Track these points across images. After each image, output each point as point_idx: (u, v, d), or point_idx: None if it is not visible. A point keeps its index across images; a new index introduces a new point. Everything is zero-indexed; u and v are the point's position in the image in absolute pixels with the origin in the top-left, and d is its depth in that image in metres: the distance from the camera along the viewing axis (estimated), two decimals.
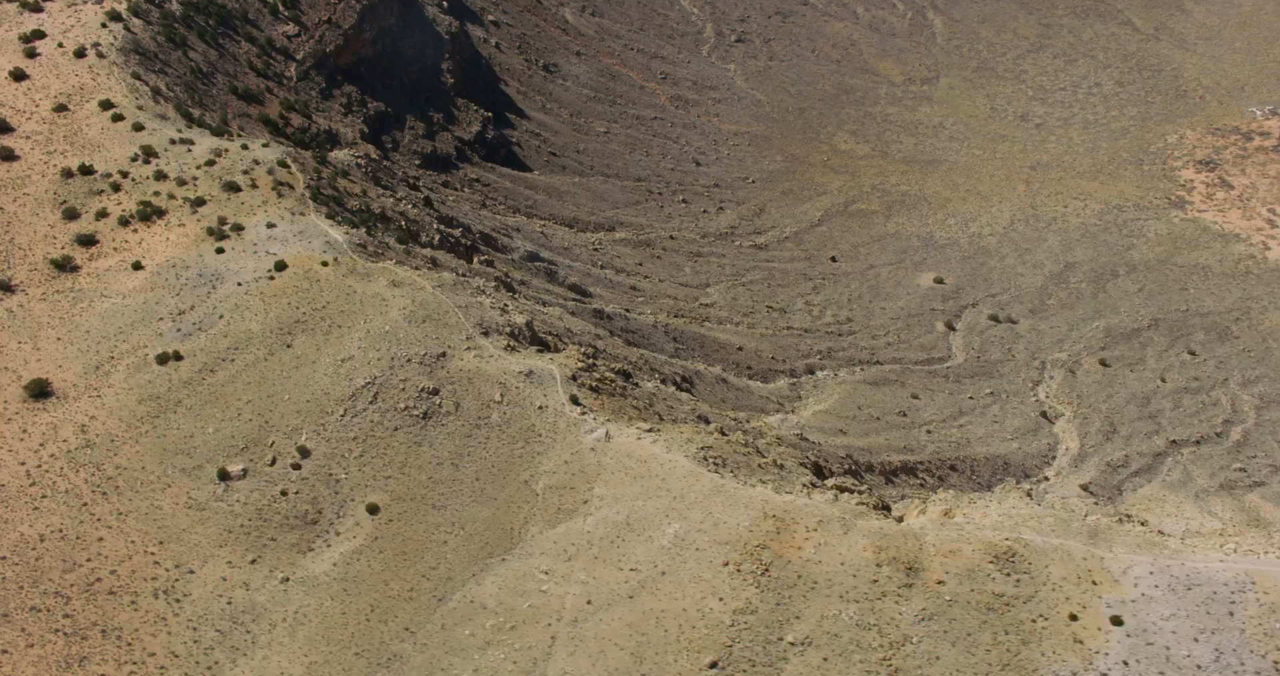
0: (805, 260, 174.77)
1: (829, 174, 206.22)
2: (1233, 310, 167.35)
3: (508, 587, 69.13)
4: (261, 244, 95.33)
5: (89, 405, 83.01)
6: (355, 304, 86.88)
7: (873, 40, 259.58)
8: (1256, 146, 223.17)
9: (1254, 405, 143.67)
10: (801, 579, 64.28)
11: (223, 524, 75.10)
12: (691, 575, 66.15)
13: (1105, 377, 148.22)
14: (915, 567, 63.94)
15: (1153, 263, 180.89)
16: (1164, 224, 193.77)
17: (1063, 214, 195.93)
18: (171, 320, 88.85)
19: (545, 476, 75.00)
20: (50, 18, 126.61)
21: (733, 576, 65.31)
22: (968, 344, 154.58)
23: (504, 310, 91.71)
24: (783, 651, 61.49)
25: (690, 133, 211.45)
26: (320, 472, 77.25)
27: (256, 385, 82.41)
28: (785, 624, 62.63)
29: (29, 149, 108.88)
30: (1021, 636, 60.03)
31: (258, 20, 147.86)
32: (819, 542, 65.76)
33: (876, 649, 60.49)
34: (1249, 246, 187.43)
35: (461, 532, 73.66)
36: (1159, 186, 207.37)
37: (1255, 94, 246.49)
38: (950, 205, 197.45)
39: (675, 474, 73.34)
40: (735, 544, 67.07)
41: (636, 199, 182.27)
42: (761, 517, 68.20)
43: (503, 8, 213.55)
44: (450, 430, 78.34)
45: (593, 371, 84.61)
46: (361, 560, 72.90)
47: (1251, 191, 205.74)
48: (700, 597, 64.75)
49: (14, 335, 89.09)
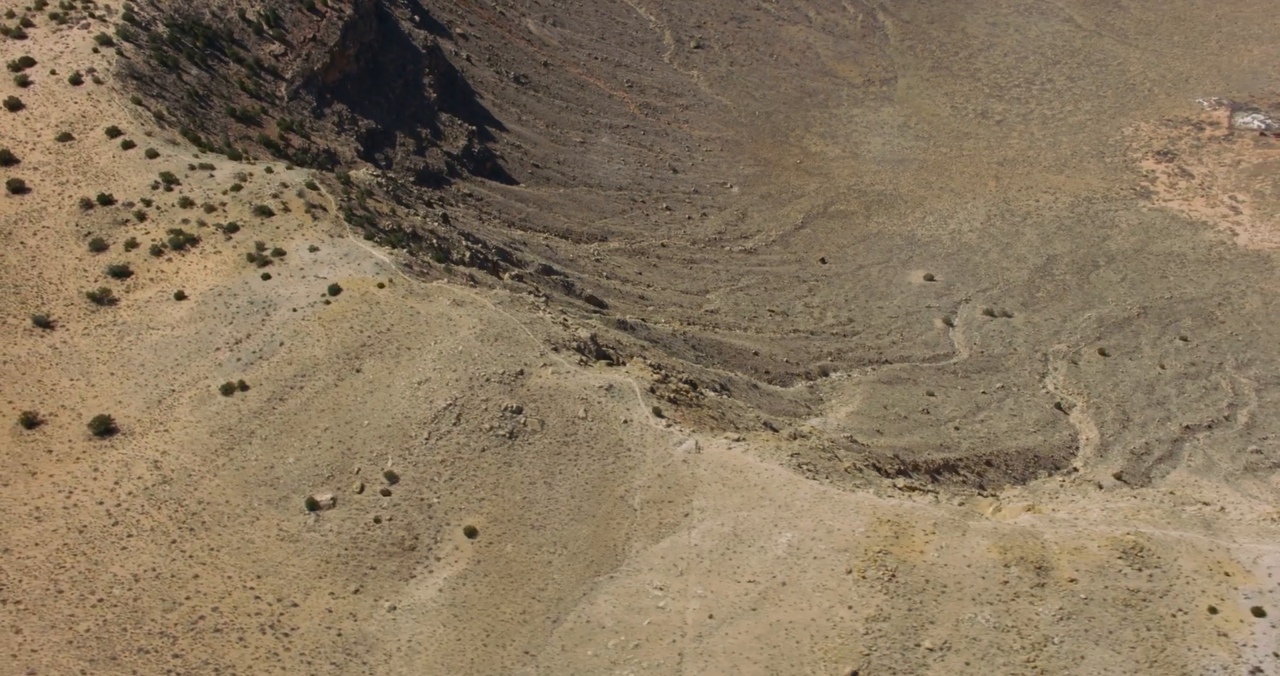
0: (796, 263, 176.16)
1: (804, 176, 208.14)
2: (1214, 296, 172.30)
3: (622, 605, 68.67)
4: (308, 268, 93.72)
5: (158, 440, 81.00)
6: (421, 325, 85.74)
7: (828, 43, 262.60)
8: (1209, 136, 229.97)
9: (1253, 387, 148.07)
10: (930, 583, 64.67)
11: (319, 554, 73.68)
12: (814, 584, 66.26)
13: (1107, 367, 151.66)
14: (1044, 566, 64.60)
15: (1129, 252, 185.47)
16: (1134, 214, 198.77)
17: (1036, 208, 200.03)
18: (229, 350, 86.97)
19: (641, 491, 74.69)
20: (36, 44, 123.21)
21: (858, 583, 65.54)
22: (969, 339, 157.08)
23: (565, 325, 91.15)
24: (922, 657, 61.80)
25: (663, 140, 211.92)
26: (411, 498, 76.13)
27: (331, 412, 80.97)
28: (920, 629, 62.95)
29: (39, 180, 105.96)
30: (1164, 632, 60.91)
31: (243, 40, 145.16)
32: (940, 545, 66.24)
33: (1019, 651, 60.99)
34: (1217, 233, 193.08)
35: (564, 552, 73.03)
36: (1123, 178, 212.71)
37: (1199, 85, 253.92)
38: (926, 203, 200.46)
39: (774, 482, 73.46)
40: (855, 550, 67.32)
41: (622, 208, 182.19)
42: (876, 522, 68.57)
43: (468, 20, 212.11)
44: (538, 448, 77.67)
45: (667, 383, 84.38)
46: (467, 584, 71.95)
47: (1211, 179, 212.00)
48: (828, 606, 64.85)
49: (64, 372, 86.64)
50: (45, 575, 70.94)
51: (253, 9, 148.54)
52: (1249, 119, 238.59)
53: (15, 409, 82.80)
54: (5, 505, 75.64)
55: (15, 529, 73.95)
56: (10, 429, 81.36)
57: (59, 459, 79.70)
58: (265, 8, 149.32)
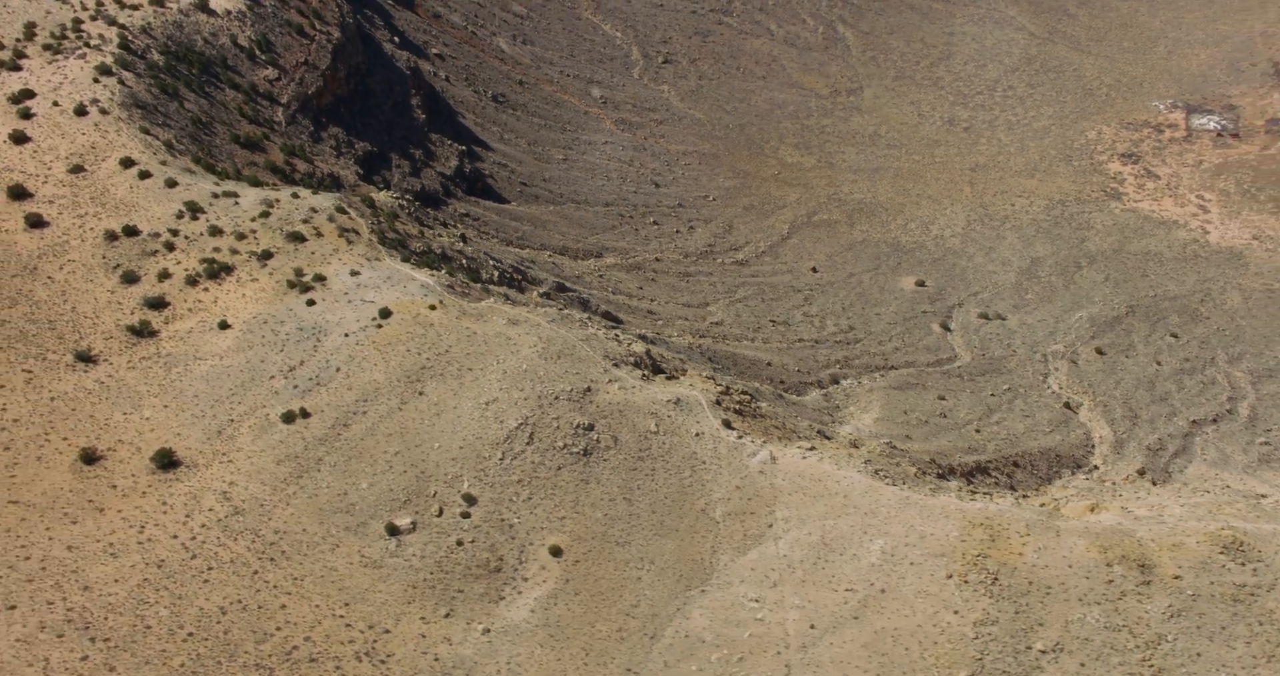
0: (788, 273, 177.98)
1: (783, 187, 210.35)
2: (1195, 292, 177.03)
3: (719, 618, 69.00)
4: (353, 292, 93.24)
5: (224, 471, 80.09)
6: (480, 345, 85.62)
7: (792, 55, 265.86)
8: (1169, 138, 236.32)
9: (1248, 380, 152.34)
10: (1033, 585, 65.67)
11: (405, 579, 73.25)
12: (915, 590, 67.05)
13: (1106, 365, 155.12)
14: (1147, 564, 65.80)
15: (1109, 253, 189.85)
16: (1107, 215, 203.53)
17: (1012, 211, 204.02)
18: (284, 377, 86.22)
19: (721, 503, 75.19)
20: (33, 75, 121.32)
21: (960, 588, 66.42)
22: (968, 343, 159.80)
23: (618, 340, 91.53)
24: (1034, 660, 62.70)
25: (642, 155, 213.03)
26: (492, 519, 75.97)
27: (399, 436, 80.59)
28: (1030, 632, 63.85)
29: (56, 214, 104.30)
30: (1277, 626, 62.22)
31: (237, 66, 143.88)
32: (1038, 547, 67.34)
33: (1133, 650, 61.98)
34: (1190, 232, 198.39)
35: (652, 567, 73.27)
36: (1093, 180, 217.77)
37: (1153, 89, 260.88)
38: (906, 210, 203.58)
39: (855, 490, 74.33)
40: (952, 555, 68.26)
41: (612, 224, 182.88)
42: (969, 526, 69.63)
43: (442, 40, 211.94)
44: (614, 464, 77.90)
45: (730, 395, 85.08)
46: (559, 604, 71.88)
47: (1177, 180, 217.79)
48: (933, 612, 65.62)
49: (116, 406, 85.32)
50: (130, 611, 69.76)
51: (243, 34, 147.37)
52: (1205, 121, 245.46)
53: (71, 445, 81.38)
54: (78, 542, 74.33)
55: (92, 566, 72.65)
56: (70, 465, 79.96)
57: (125, 494, 78.44)
58: (256, 33, 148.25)
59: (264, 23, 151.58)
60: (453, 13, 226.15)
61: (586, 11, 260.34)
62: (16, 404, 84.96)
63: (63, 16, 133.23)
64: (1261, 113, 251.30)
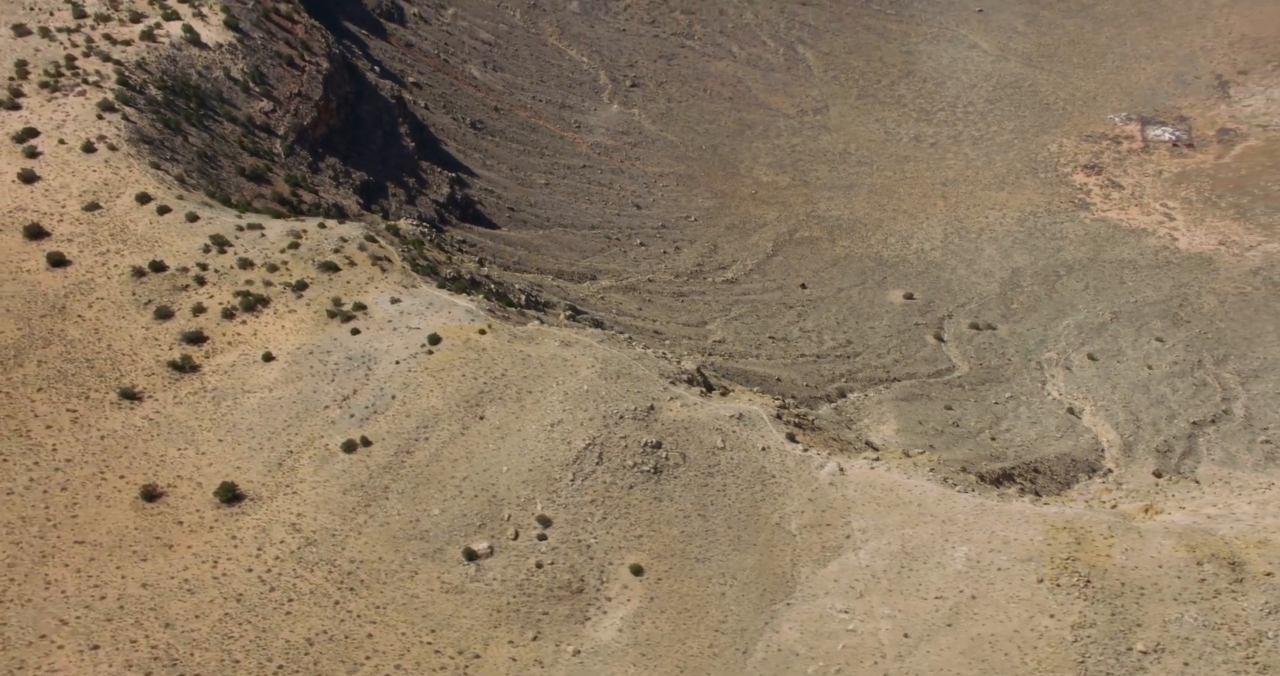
0: (778, 290, 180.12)
1: (761, 206, 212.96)
2: (1173, 298, 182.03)
3: (810, 630, 69.80)
4: (397, 320, 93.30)
5: (289, 503, 79.68)
6: (536, 368, 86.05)
7: (756, 76, 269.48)
8: (1128, 149, 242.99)
9: (1238, 381, 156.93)
10: (1126, 586, 67.06)
11: (488, 604, 73.32)
12: (1007, 595, 68.24)
13: (1099, 371, 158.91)
14: (1236, 562, 67.37)
15: (1085, 261, 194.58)
16: (1078, 225, 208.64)
17: (987, 224, 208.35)
18: (338, 407, 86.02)
19: (795, 516, 76.16)
20: (33, 114, 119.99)
21: (1053, 591, 67.67)
22: (964, 353, 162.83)
23: (665, 358, 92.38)
24: (1136, 661, 63.98)
25: (620, 178, 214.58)
26: (569, 540, 76.29)
27: (466, 460, 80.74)
28: (1129, 633, 65.11)
29: (78, 252, 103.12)
30: None
31: (233, 99, 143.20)
32: (1124, 548, 68.82)
33: (1235, 648, 63.27)
34: (1159, 239, 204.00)
35: (735, 582, 73.95)
36: (1060, 191, 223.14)
37: (1107, 103, 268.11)
38: (884, 225, 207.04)
39: (929, 498, 75.64)
40: (1039, 559, 69.58)
41: (600, 246, 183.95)
42: (1053, 530, 71.07)
43: (417, 69, 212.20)
44: (685, 481, 78.63)
45: (787, 408, 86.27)
46: (646, 622, 72.31)
47: (1140, 189, 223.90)
48: (1029, 617, 66.75)
49: (169, 442, 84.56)
50: (216, 646, 69.13)
51: (236, 67, 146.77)
52: (1160, 132, 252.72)
53: (129, 483, 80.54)
54: (152, 580, 73.56)
55: (170, 603, 71.93)
56: (131, 503, 79.12)
57: (191, 529, 77.76)
58: (248, 65, 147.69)
59: (255, 55, 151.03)
60: (424, 41, 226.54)
61: (552, 38, 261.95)
62: (67, 444, 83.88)
63: (53, 54, 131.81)
64: (1211, 123, 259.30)
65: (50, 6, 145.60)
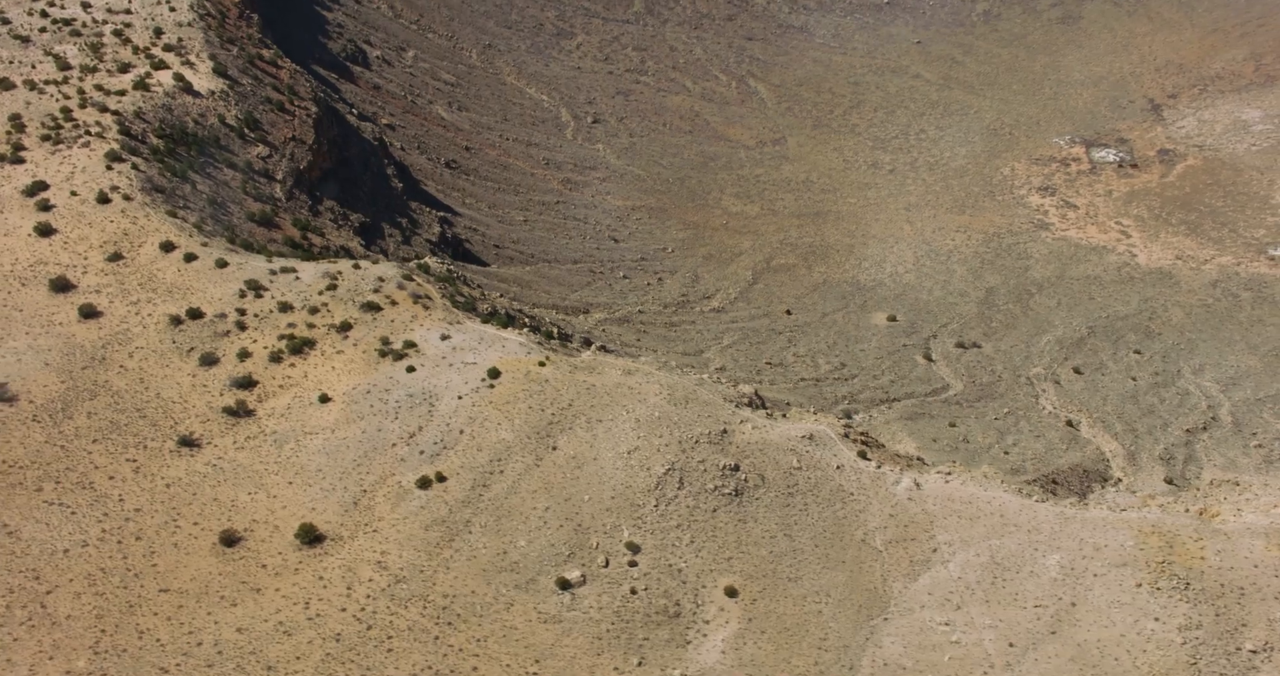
0: (764, 316, 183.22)
1: (735, 235, 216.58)
2: (1142, 311, 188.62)
3: (913, 644, 71.48)
4: (450, 356, 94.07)
5: (371, 541, 79.90)
6: (603, 397, 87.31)
7: (712, 109, 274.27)
8: (1077, 171, 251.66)
9: (1219, 389, 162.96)
10: (1225, 587, 69.55)
11: (588, 632, 74.11)
12: (1107, 601, 70.39)
13: (1087, 384, 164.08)
14: None
15: (1053, 279, 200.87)
16: (1041, 245, 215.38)
17: (955, 246, 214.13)
18: (406, 444, 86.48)
19: (879, 532, 78.10)
20: (38, 167, 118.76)
21: (1154, 595, 69.92)
22: (955, 371, 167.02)
23: (719, 381, 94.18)
24: (1247, 660, 66.31)
25: (594, 212, 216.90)
26: (659, 565, 77.43)
27: (545, 491, 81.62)
28: (1236, 633, 67.45)
29: (107, 303, 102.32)
30: None
31: (229, 145, 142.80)
32: (1216, 550, 71.46)
33: None
34: (1119, 256, 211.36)
35: (830, 600, 75.55)
36: (1019, 213, 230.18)
37: (1050, 127, 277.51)
38: (855, 250, 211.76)
39: (1009, 509, 78.02)
40: (1134, 564, 71.94)
41: (586, 280, 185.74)
42: (1142, 535, 73.63)
43: (388, 110, 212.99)
44: (766, 502, 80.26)
45: (853, 427, 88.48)
46: (748, 643, 73.55)
47: (1094, 209, 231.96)
48: (1133, 621, 68.88)
49: (237, 488, 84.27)
50: None
51: (229, 113, 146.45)
52: (1104, 154, 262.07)
53: (205, 530, 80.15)
54: (246, 624, 73.24)
55: (269, 646, 71.66)
56: (211, 549, 78.72)
57: (277, 572, 77.54)
58: (241, 111, 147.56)
59: (246, 101, 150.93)
60: (389, 83, 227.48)
61: (510, 77, 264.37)
62: (133, 494, 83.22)
63: (47, 106, 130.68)
64: (1150, 144, 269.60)
65: (30, 60, 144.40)
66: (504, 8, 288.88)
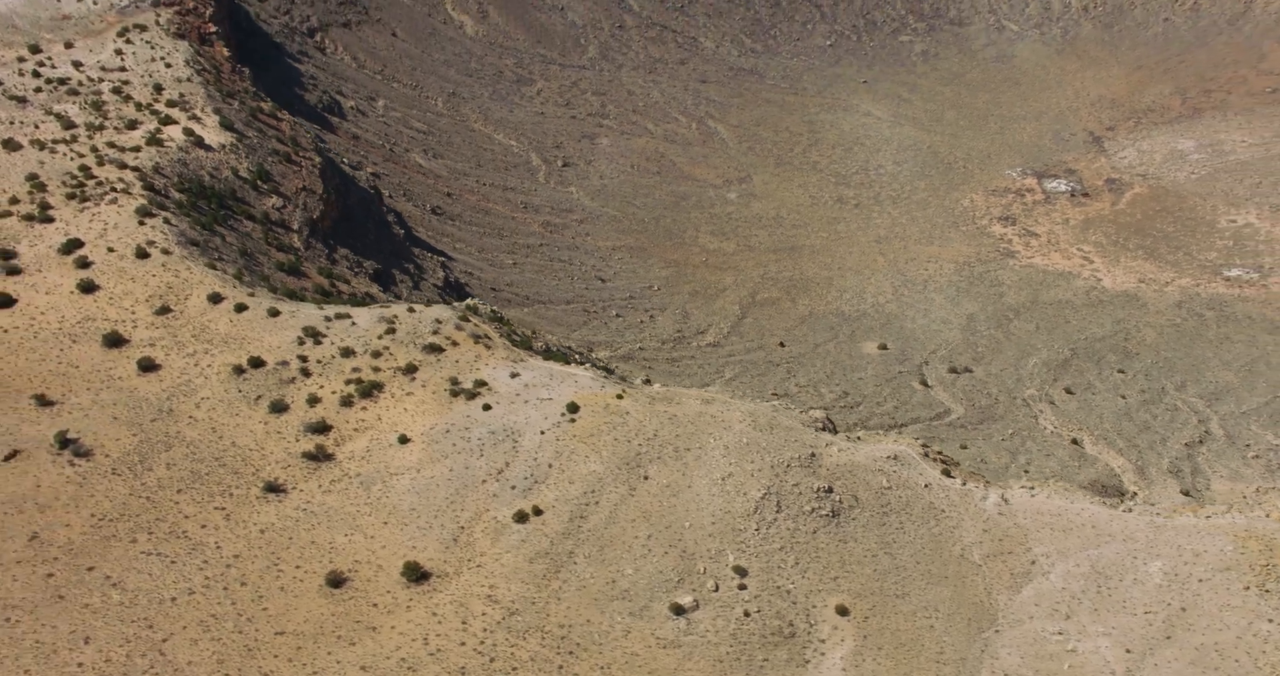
0: (759, 349, 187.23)
1: (716, 272, 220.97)
2: (1117, 333, 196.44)
3: (1030, 653, 74.23)
4: (524, 393, 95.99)
5: (477, 576, 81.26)
6: (687, 426, 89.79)
7: (676, 150, 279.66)
8: (1033, 201, 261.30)
9: (1205, 404, 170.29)
10: None
11: (708, 655, 76.12)
12: (1218, 605, 73.72)
13: (1081, 403, 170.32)
14: None
15: (1028, 304, 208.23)
16: (1011, 272, 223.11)
17: (929, 276, 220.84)
18: (495, 480, 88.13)
19: (976, 547, 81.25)
20: (69, 225, 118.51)
21: (1264, 597, 73.37)
22: (954, 396, 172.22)
23: (790, 408, 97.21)
24: None
25: (577, 253, 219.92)
26: (768, 587, 79.79)
27: (644, 520, 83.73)
28: None
29: (164, 356, 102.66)
30: None
31: (245, 197, 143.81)
32: None
33: None
34: (1085, 280, 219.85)
35: (938, 614, 78.35)
36: (985, 242, 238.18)
37: (1000, 159, 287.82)
38: (835, 283, 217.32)
39: (1099, 519, 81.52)
40: (1238, 568, 75.45)
41: (582, 319, 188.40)
42: (1240, 540, 77.38)
43: (371, 159, 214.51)
44: (863, 522, 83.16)
45: (930, 446, 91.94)
46: (867, 661, 75.98)
47: (1055, 236, 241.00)
48: (1247, 623, 72.17)
49: (333, 530, 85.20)
50: None
51: (242, 166, 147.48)
52: (1056, 184, 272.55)
53: (308, 572, 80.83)
54: (369, 662, 74.04)
55: None
56: (318, 590, 79.42)
57: (389, 611, 78.47)
58: (252, 163, 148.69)
59: (255, 154, 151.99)
60: (366, 132, 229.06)
61: (477, 124, 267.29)
62: (229, 541, 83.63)
63: (62, 165, 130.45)
64: (1097, 174, 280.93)
65: (32, 119, 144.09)
66: (463, 56, 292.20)
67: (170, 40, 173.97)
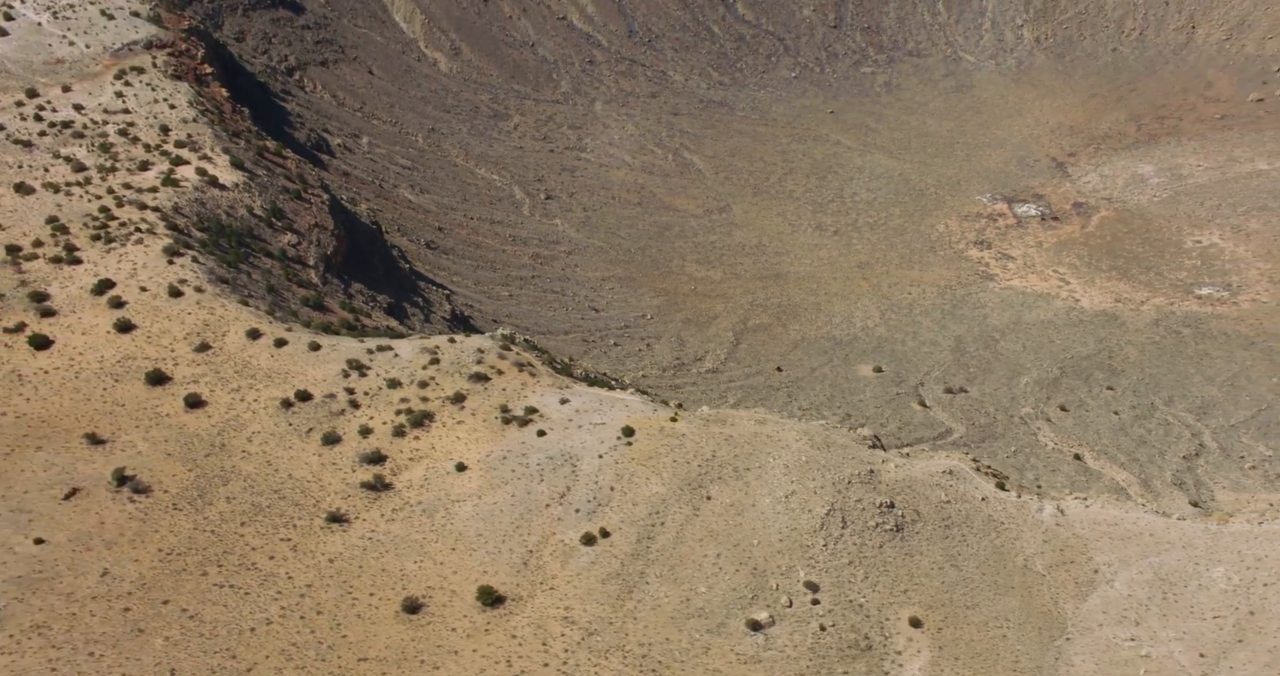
0: (758, 375, 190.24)
1: (706, 300, 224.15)
2: (1101, 351, 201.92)
3: (1104, 660, 76.84)
4: (576, 418, 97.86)
5: (551, 598, 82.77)
6: (744, 447, 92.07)
7: (655, 182, 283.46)
8: (1005, 225, 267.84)
9: (1195, 418, 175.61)
10: None
11: (788, 670, 78.09)
12: None
13: (1076, 420, 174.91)
14: None
15: (1012, 325, 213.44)
16: (991, 295, 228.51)
17: (913, 299, 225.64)
18: (559, 504, 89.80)
19: (1038, 557, 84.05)
20: (97, 266, 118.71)
21: None
22: (953, 416, 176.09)
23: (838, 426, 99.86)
24: None
25: (568, 284, 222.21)
26: (841, 601, 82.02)
27: (712, 539, 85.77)
28: None
29: (209, 392, 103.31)
30: None
31: (261, 234, 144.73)
32: None
33: None
34: (1064, 301, 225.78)
35: (1009, 624, 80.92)
36: (963, 266, 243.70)
37: (969, 186, 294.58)
38: (823, 308, 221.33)
39: (1157, 528, 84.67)
40: None
41: (582, 349, 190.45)
42: None
43: (363, 195, 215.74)
44: (926, 536, 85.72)
45: (980, 460, 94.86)
46: (944, 671, 78.22)
47: (1030, 259, 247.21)
48: None
49: (402, 558, 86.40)
50: None
51: (256, 204, 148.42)
52: (1026, 208, 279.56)
53: (383, 599, 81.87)
54: None
55: None
56: (395, 617, 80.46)
57: (468, 635, 79.67)
58: (265, 201, 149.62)
59: (267, 192, 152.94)
60: (355, 168, 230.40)
61: (458, 158, 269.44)
62: (300, 571, 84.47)
63: (80, 206, 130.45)
64: (1064, 198, 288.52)
65: (40, 163, 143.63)
66: (439, 93, 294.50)
67: (170, 81, 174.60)
